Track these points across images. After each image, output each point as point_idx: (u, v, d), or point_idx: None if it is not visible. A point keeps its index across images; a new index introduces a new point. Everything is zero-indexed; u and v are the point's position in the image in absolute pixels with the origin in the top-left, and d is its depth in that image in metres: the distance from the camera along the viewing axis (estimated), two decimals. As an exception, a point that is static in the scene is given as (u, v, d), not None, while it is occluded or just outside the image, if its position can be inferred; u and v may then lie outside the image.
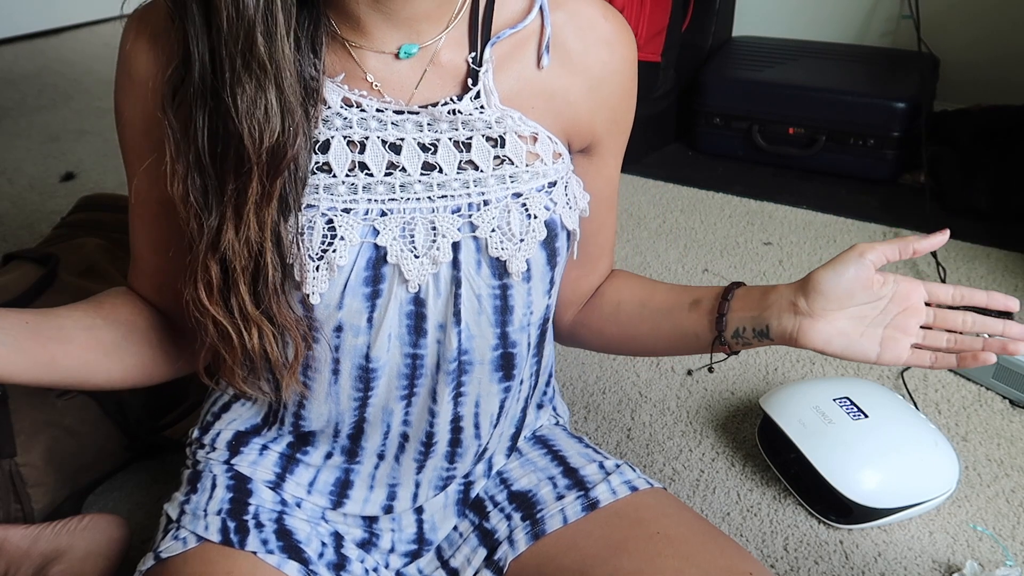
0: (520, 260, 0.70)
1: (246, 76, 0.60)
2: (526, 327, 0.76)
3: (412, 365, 0.73)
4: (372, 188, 0.68)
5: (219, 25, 0.59)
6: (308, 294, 0.67)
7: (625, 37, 0.74)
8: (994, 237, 1.91)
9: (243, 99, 0.60)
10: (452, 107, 0.68)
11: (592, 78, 0.73)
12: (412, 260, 0.68)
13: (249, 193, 0.62)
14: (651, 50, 2.23)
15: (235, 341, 0.67)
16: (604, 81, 0.73)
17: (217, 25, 0.59)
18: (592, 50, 0.72)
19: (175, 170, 0.64)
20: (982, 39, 2.44)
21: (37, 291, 1.17)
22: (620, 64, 0.74)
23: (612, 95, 0.75)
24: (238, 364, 0.69)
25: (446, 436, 0.78)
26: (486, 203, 0.69)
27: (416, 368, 0.74)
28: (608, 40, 0.73)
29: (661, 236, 1.94)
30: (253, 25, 0.59)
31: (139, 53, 0.67)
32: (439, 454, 0.79)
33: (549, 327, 0.82)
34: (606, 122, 0.76)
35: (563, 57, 0.71)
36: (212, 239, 0.64)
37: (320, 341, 0.71)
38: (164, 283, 0.76)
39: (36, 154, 2.31)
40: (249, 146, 0.61)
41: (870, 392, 1.23)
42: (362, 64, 0.68)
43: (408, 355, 0.73)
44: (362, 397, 0.74)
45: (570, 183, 0.74)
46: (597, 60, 0.72)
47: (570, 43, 0.71)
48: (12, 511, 1.07)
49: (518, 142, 0.70)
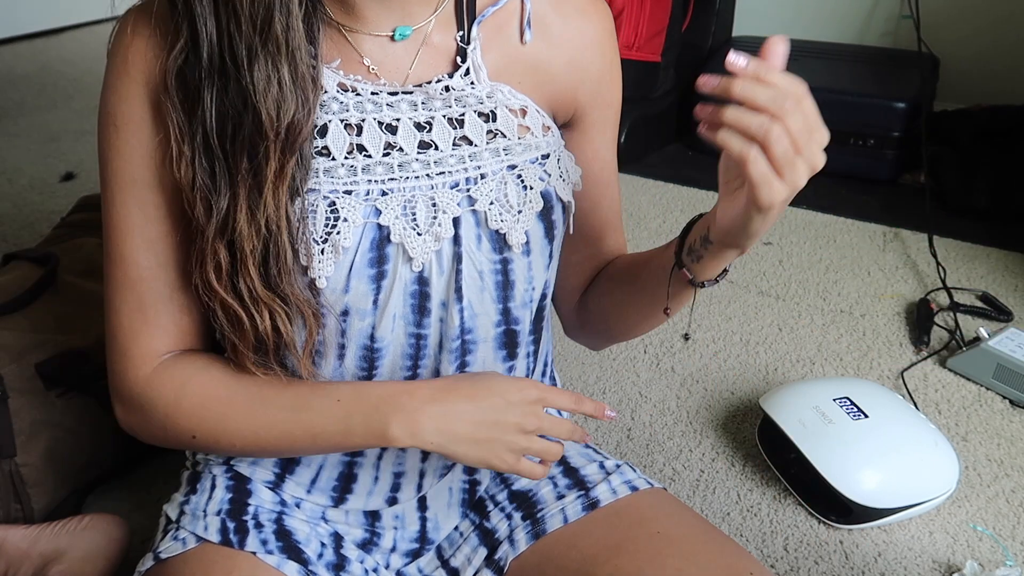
0: (519, 231, 0.72)
1: (263, 54, 0.61)
2: (528, 303, 0.77)
3: (416, 345, 0.74)
4: (371, 169, 0.69)
5: (236, 4, 0.60)
6: (315, 278, 0.68)
7: (600, 7, 0.78)
8: (994, 237, 1.91)
9: (259, 77, 0.61)
10: (445, 83, 0.70)
11: (572, 49, 0.76)
12: (415, 238, 0.69)
13: (267, 172, 0.63)
14: (651, 50, 2.23)
15: (246, 324, 0.67)
16: (583, 52, 0.76)
17: (231, 4, 0.60)
18: (570, 22, 0.75)
19: (181, 152, 0.64)
20: (982, 39, 2.44)
21: (37, 291, 1.17)
22: (598, 34, 0.77)
23: (592, 65, 0.77)
24: (249, 348, 0.69)
25: None
26: (483, 176, 0.71)
27: (419, 348, 0.74)
28: (584, 10, 0.76)
29: (661, 236, 1.94)
30: (272, 3, 0.60)
31: (139, 44, 0.67)
32: None
33: (547, 306, 0.82)
34: (588, 94, 0.78)
35: (544, 31, 0.74)
36: (221, 221, 0.64)
37: (328, 325, 0.71)
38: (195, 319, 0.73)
39: (36, 154, 2.31)
40: (267, 123, 0.62)
41: (870, 392, 1.23)
42: (358, 48, 0.69)
43: (412, 335, 0.73)
44: (366, 377, 0.75)
45: (562, 156, 0.76)
46: (576, 31, 0.76)
47: (549, 18, 0.74)
48: (12, 511, 1.07)
49: (509, 116, 0.72)
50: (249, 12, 0.61)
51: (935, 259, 1.77)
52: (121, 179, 0.69)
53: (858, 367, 1.48)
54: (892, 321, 1.61)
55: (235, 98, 0.62)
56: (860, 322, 1.61)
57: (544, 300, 0.80)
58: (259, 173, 0.64)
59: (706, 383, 1.43)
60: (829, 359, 1.50)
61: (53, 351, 1.12)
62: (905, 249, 1.88)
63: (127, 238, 0.70)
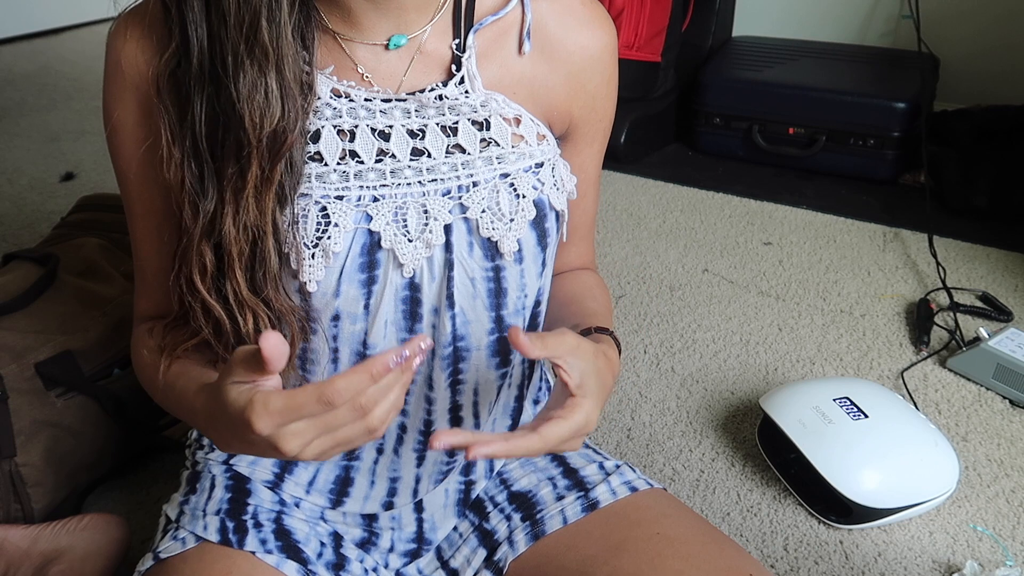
0: (511, 240, 0.72)
1: (248, 61, 0.61)
2: (521, 310, 0.77)
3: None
4: (363, 175, 0.69)
5: (224, 10, 0.61)
6: (305, 282, 0.68)
7: (604, 23, 0.77)
8: (994, 237, 1.91)
9: (244, 84, 0.62)
10: (439, 92, 0.70)
11: (571, 63, 0.75)
12: (406, 244, 0.69)
13: (249, 177, 0.63)
14: (651, 50, 2.23)
15: (227, 327, 0.67)
16: (583, 67, 0.76)
17: (221, 10, 0.61)
18: (571, 36, 0.74)
19: (171, 154, 0.65)
20: (982, 39, 2.44)
21: (37, 291, 1.17)
22: (598, 48, 0.76)
23: (590, 81, 0.77)
24: (229, 351, 0.69)
25: (445, 425, 0.78)
26: (475, 184, 0.71)
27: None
28: (587, 26, 0.75)
29: (661, 236, 1.94)
30: (259, 11, 0.61)
31: (132, 48, 0.68)
32: None
33: (541, 313, 0.82)
34: (583, 108, 0.78)
35: (543, 44, 0.74)
36: (207, 224, 0.65)
37: (318, 332, 0.71)
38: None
39: (36, 154, 2.31)
40: (250, 130, 0.62)
41: (870, 392, 1.23)
42: (352, 55, 0.69)
43: (404, 341, 0.73)
44: None
45: (557, 165, 0.76)
46: (576, 46, 0.75)
47: (550, 29, 0.74)
48: (12, 511, 1.07)
49: (503, 124, 0.72)
50: (235, 20, 0.61)
51: (935, 259, 1.77)
52: (122, 175, 0.73)
53: (858, 367, 1.48)
54: (892, 321, 1.61)
55: (224, 104, 0.63)
56: (860, 322, 1.61)
57: (538, 308, 0.80)
58: (244, 178, 0.64)
59: (706, 383, 1.43)
60: (829, 359, 1.50)
61: (53, 351, 1.12)
62: (905, 249, 1.88)
63: (132, 220, 0.76)
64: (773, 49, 2.43)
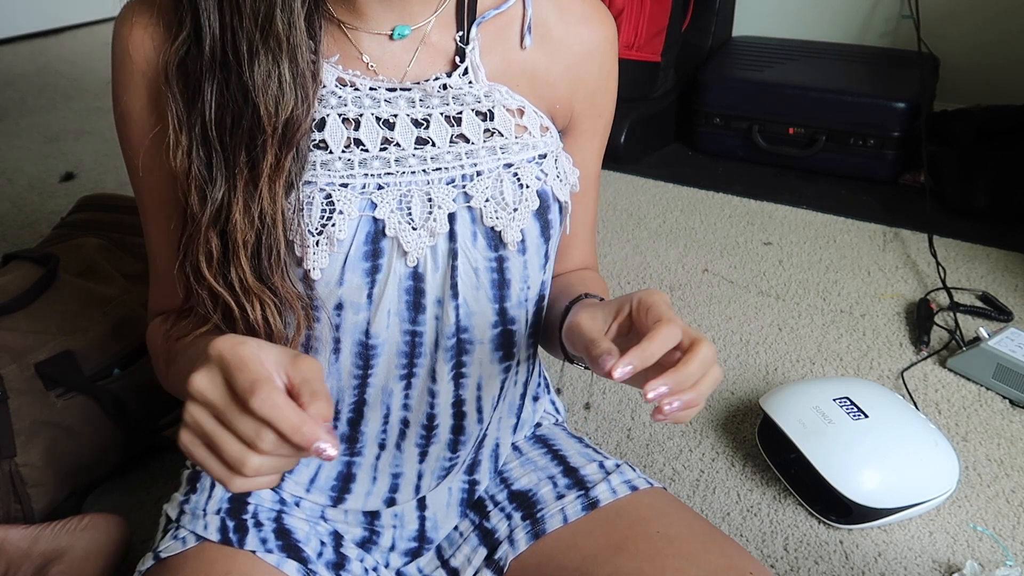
0: (514, 229, 0.72)
1: (263, 50, 0.62)
2: (524, 303, 0.77)
3: (411, 343, 0.74)
4: (368, 163, 0.69)
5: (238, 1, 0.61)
6: (309, 269, 0.68)
7: (603, 17, 0.78)
8: (994, 237, 1.91)
9: (259, 73, 0.62)
10: (443, 82, 0.71)
11: (571, 57, 0.76)
12: (410, 232, 0.69)
13: (264, 165, 0.64)
14: (651, 50, 2.24)
15: (236, 314, 0.68)
16: (583, 60, 0.77)
17: (236, 0, 0.61)
18: (571, 30, 0.75)
19: (178, 141, 0.65)
20: (982, 39, 2.44)
21: (37, 291, 1.17)
22: (598, 43, 0.77)
23: (590, 75, 0.78)
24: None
25: (448, 420, 0.78)
26: (479, 174, 0.71)
27: (415, 346, 0.74)
28: (587, 20, 0.76)
29: (661, 236, 1.95)
30: (274, 2, 0.61)
31: (140, 34, 0.68)
32: (441, 441, 0.79)
33: (544, 308, 0.82)
34: (583, 102, 0.78)
35: (544, 38, 0.75)
36: (215, 212, 0.65)
37: (321, 320, 0.71)
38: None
39: (36, 154, 2.31)
40: (265, 118, 0.63)
41: (870, 392, 1.23)
42: (358, 45, 0.70)
43: (407, 332, 0.73)
44: (362, 375, 0.75)
45: (560, 157, 0.77)
46: (576, 40, 0.76)
47: (551, 24, 0.75)
48: (12, 511, 1.07)
49: (506, 115, 0.72)
50: (251, 8, 0.61)
51: (935, 259, 1.77)
52: (131, 164, 0.73)
53: (858, 367, 1.48)
54: (892, 321, 1.61)
55: (235, 92, 0.63)
56: (860, 322, 1.61)
57: (541, 301, 0.80)
58: (256, 166, 0.64)
59: (706, 383, 1.43)
60: (829, 359, 1.50)
61: (53, 351, 1.12)
62: (905, 249, 1.88)
63: (144, 213, 0.76)
64: (773, 49, 2.43)
